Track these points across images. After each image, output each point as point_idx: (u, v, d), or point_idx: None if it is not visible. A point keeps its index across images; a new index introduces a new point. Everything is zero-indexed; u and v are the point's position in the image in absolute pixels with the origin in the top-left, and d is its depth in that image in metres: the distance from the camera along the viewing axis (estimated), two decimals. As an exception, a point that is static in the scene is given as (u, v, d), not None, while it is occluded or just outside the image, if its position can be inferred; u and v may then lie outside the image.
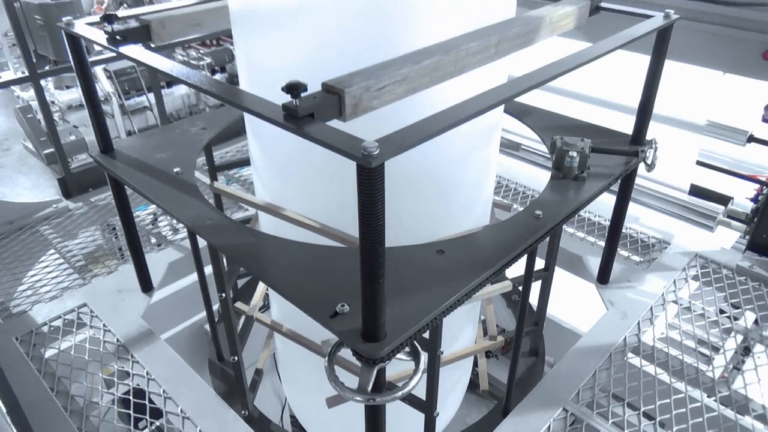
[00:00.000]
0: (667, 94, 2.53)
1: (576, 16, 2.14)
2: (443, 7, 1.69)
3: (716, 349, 2.64)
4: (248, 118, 2.11)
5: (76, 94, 9.88)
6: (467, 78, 1.68)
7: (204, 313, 2.95)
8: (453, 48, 1.60)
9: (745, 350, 2.65)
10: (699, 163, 3.43)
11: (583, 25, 2.21)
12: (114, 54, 1.81)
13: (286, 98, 1.26)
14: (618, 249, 2.87)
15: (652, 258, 3.08)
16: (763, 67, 2.96)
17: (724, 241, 3.22)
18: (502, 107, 2.21)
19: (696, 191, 3.35)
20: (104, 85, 9.68)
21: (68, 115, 9.81)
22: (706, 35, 3.14)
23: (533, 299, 2.41)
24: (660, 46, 2.20)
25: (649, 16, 2.17)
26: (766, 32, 2.98)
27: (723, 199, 3.30)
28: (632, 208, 3.01)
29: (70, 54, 2.05)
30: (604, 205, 3.12)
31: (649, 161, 2.31)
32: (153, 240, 3.40)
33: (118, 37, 1.85)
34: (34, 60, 3.78)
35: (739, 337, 2.66)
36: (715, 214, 3.22)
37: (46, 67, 9.40)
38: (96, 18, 2.05)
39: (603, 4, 2.30)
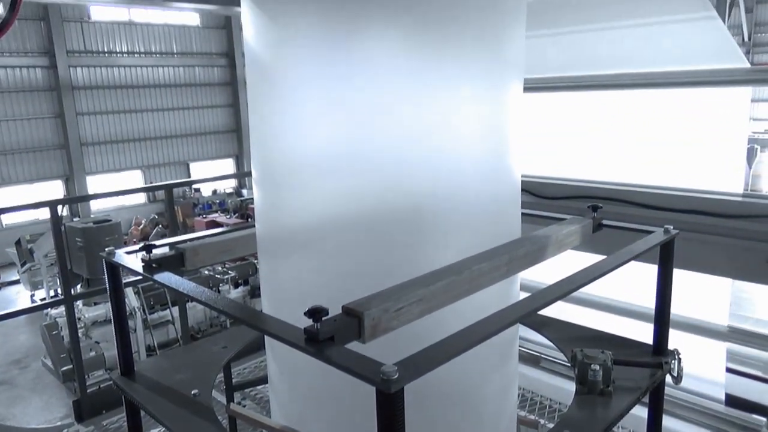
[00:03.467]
0: (681, 300, 2.55)
1: (580, 233, 2.28)
2: (453, 231, 1.84)
3: None
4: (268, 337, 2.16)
5: (102, 310, 10.20)
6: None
7: None
8: (465, 268, 1.69)
9: None
10: (729, 370, 3.31)
11: (587, 241, 2.34)
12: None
13: (308, 321, 1.31)
14: (661, 470, 2.64)
15: (701, 480, 2.81)
16: (770, 274, 3.03)
17: (776, 457, 2.96)
18: (518, 320, 2.24)
19: (733, 402, 3.19)
20: (131, 300, 10.03)
21: (92, 331, 10.00)
22: (711, 245, 3.27)
23: None
24: (665, 259, 2.29)
25: (649, 232, 2.30)
26: None
27: (763, 409, 3.12)
28: (668, 421, 2.83)
29: (107, 280, 2.18)
30: (637, 419, 2.95)
31: (674, 373, 2.25)
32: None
33: (154, 265, 2.00)
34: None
35: None
36: (758, 427, 3.01)
37: (79, 285, 9.86)
38: (134, 247, 2.22)
39: (605, 222, 2.46)
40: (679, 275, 2.36)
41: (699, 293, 3.59)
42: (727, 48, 3.20)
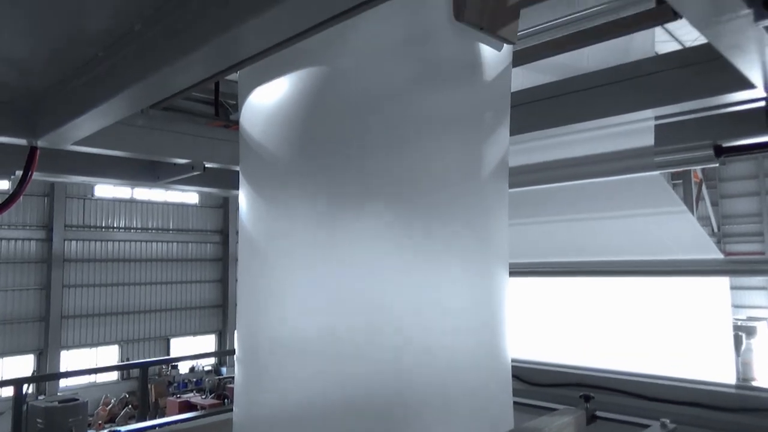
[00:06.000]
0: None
1: (574, 426, 2.17)
2: (441, 422, 1.74)
3: None
4: None
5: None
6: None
7: None
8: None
9: None
10: None
11: (582, 433, 2.22)
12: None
13: None
14: None
15: None
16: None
17: None
18: None
19: None
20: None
21: None
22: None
23: None
24: (667, 455, 2.16)
25: (645, 425, 2.20)
26: None
27: None
28: None
29: (62, 470, 2.00)
30: None
31: None
32: None
33: (116, 455, 1.84)
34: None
35: None
36: None
37: (29, 473, 8.94)
38: (100, 432, 2.07)
39: (599, 413, 2.36)
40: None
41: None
42: (700, 240, 3.36)
